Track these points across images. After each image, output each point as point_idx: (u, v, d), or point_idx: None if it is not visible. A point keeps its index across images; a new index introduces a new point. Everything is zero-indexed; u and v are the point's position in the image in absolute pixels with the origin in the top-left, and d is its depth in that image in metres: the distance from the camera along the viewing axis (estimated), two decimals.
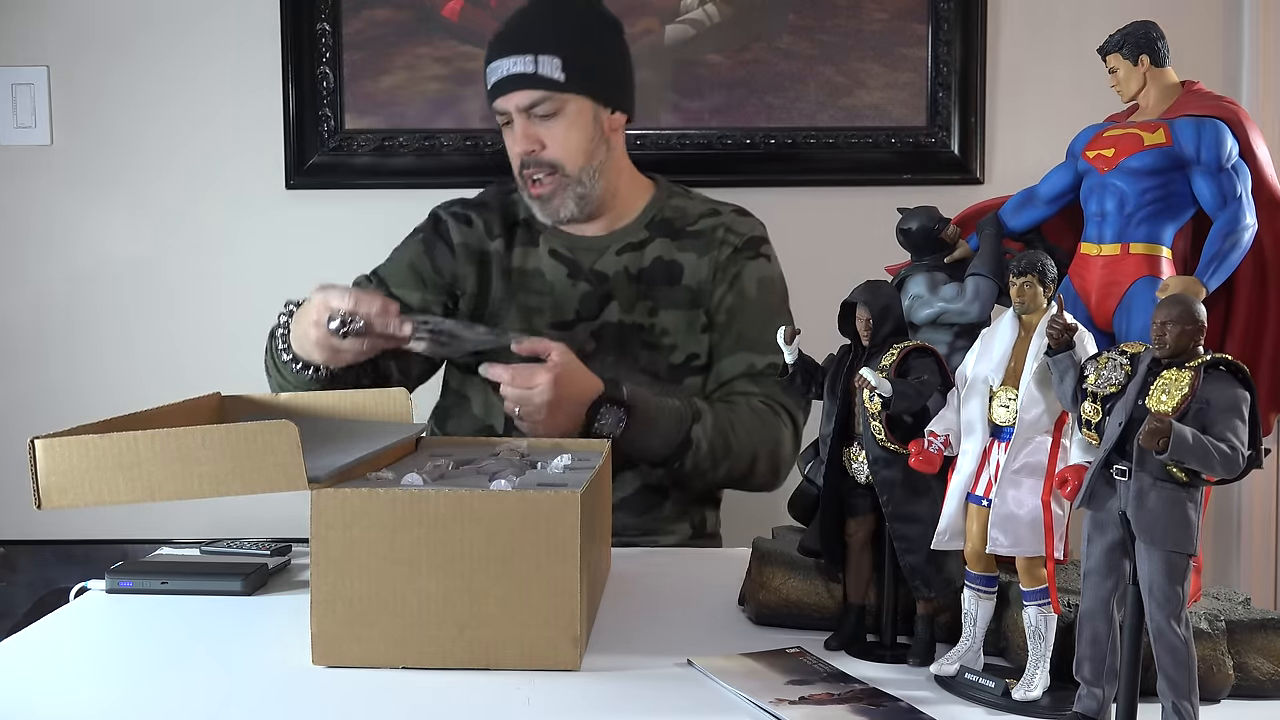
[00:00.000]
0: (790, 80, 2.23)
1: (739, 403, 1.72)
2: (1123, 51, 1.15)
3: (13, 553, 2.24)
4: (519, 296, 1.79)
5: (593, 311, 1.77)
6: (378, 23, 2.23)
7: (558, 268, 1.79)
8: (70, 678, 1.05)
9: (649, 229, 1.81)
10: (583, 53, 1.73)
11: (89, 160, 2.27)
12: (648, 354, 1.76)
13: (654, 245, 1.80)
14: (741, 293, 1.78)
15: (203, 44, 2.26)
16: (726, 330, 1.77)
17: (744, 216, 1.85)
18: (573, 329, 1.76)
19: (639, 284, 1.78)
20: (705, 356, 1.78)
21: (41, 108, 2.25)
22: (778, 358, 1.71)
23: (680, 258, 1.79)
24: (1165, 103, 1.14)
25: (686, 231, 1.81)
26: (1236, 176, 1.08)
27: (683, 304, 1.78)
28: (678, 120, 2.24)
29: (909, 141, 2.23)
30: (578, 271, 1.79)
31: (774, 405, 1.72)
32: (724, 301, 1.78)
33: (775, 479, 1.76)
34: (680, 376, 1.77)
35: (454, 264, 1.82)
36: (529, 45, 1.70)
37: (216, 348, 2.27)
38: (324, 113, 2.23)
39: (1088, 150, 1.14)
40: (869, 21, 2.22)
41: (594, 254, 1.80)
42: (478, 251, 1.82)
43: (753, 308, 1.77)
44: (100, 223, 2.28)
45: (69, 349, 2.29)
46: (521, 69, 1.70)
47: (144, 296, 2.28)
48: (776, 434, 1.71)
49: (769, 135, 2.23)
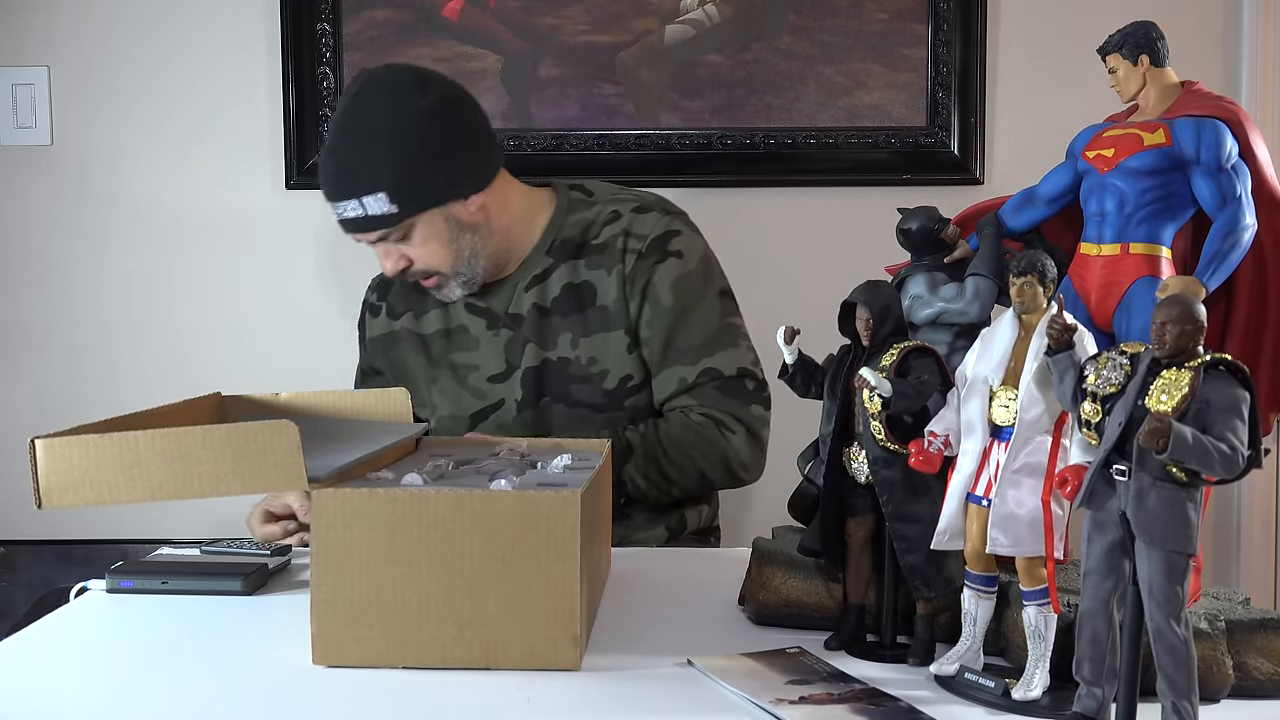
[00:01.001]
0: (790, 80, 2.23)
1: (673, 420, 1.67)
2: (1122, 51, 1.15)
3: (13, 553, 2.24)
4: (451, 356, 1.76)
5: (519, 357, 1.72)
6: (378, 23, 2.23)
7: (476, 320, 1.75)
8: (70, 678, 1.05)
9: (551, 254, 1.73)
10: (410, 172, 1.60)
11: (89, 160, 2.27)
12: (580, 387, 1.70)
13: (559, 271, 1.72)
14: (656, 303, 1.69)
15: (203, 44, 2.26)
16: (653, 345, 1.70)
17: (645, 214, 1.74)
18: (509, 379, 1.73)
19: (553, 316, 1.72)
20: (641, 375, 1.72)
21: (41, 108, 2.25)
22: (714, 363, 1.72)
23: (589, 277, 1.71)
24: (1165, 103, 1.14)
25: (591, 246, 1.72)
26: (1236, 176, 1.08)
27: (602, 327, 1.70)
28: (678, 120, 2.24)
29: (909, 141, 2.23)
30: (495, 320, 1.74)
31: (714, 416, 1.68)
32: (642, 315, 1.70)
33: (737, 482, 1.73)
34: (620, 401, 1.71)
35: (370, 356, 1.84)
36: (347, 190, 1.59)
37: (217, 348, 2.27)
38: (324, 113, 2.23)
39: (1087, 150, 1.14)
40: (869, 21, 2.22)
41: (505, 297, 1.74)
42: (386, 337, 1.81)
43: (672, 315, 1.70)
44: (100, 223, 2.28)
45: (69, 349, 2.29)
46: (352, 214, 1.60)
47: (144, 296, 2.29)
48: (720, 447, 1.67)
49: (769, 135, 2.23)
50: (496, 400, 1.74)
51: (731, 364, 1.71)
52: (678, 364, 1.70)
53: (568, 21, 2.22)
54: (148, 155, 2.27)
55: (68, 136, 2.27)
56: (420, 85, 1.62)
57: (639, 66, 2.23)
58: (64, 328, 2.29)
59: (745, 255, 2.23)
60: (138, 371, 2.27)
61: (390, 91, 1.61)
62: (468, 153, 1.65)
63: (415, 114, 1.59)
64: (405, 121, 1.59)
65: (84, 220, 2.28)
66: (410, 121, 1.59)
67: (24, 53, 2.25)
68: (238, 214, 2.27)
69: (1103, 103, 1.27)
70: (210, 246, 2.28)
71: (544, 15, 2.22)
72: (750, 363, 1.74)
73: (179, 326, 2.29)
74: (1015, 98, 2.25)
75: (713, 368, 1.70)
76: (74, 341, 2.29)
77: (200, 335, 2.28)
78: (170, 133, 2.27)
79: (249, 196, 2.27)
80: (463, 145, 1.64)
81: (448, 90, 1.65)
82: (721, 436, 1.67)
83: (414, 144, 1.60)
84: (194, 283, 2.29)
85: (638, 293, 1.70)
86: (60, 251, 2.29)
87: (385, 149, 1.59)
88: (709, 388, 1.69)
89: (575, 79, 2.23)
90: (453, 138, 1.63)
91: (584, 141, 2.23)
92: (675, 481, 1.66)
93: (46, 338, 2.29)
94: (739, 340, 1.75)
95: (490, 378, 1.74)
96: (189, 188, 2.27)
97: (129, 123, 2.27)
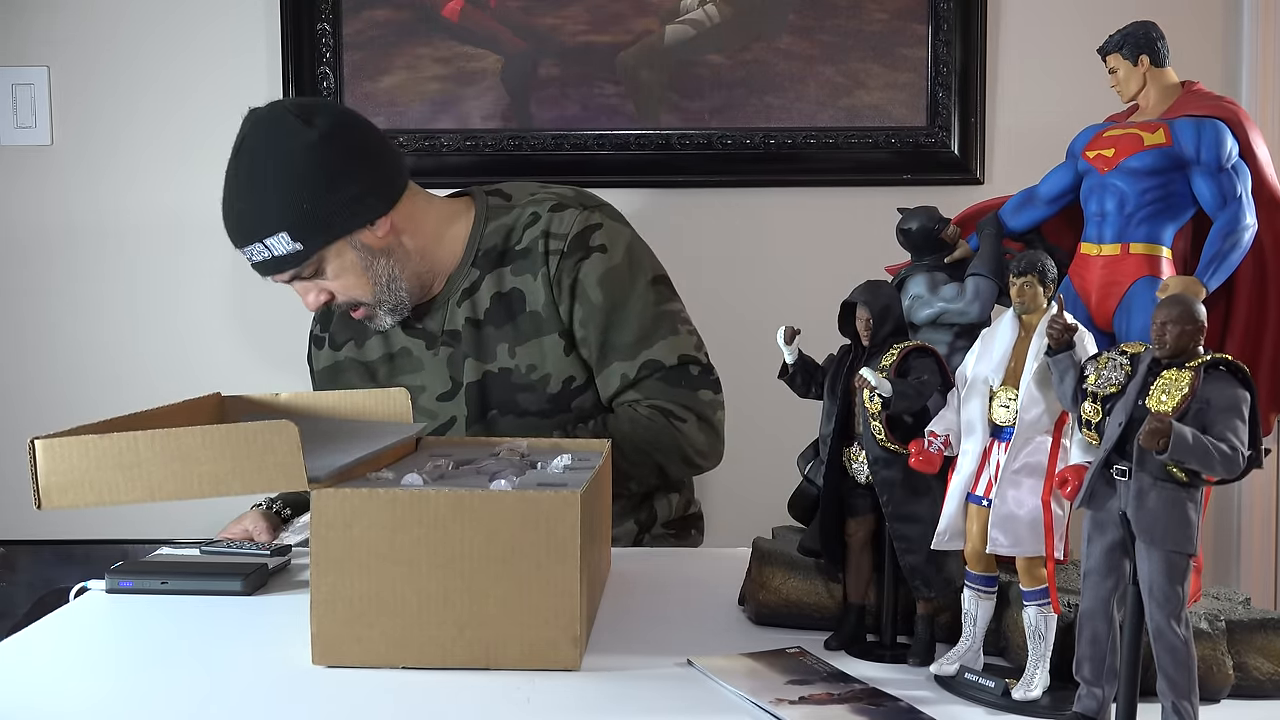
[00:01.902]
0: (790, 80, 2.23)
1: (621, 416, 1.67)
2: (1123, 52, 1.15)
3: (13, 553, 2.24)
4: (397, 379, 1.75)
5: (460, 373, 1.71)
6: (378, 23, 2.23)
7: (416, 342, 1.75)
8: (70, 678, 1.05)
9: (476, 265, 1.71)
10: (307, 207, 1.56)
11: (89, 160, 2.27)
12: (524, 395, 1.69)
13: (487, 282, 1.70)
14: (586, 300, 1.67)
15: (203, 45, 2.26)
16: (590, 344, 1.69)
17: (562, 211, 1.70)
18: (455, 397, 1.72)
19: (486, 328, 1.70)
20: (583, 376, 1.71)
21: (41, 108, 2.26)
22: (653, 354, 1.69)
23: (516, 284, 1.69)
24: (1165, 103, 1.14)
25: (514, 252, 1.70)
26: (1236, 176, 1.08)
27: (535, 332, 1.69)
28: (678, 120, 2.23)
29: (909, 141, 2.23)
30: (433, 339, 1.73)
31: (661, 408, 1.67)
32: (575, 315, 1.68)
33: (696, 470, 1.73)
34: (566, 404, 1.70)
35: (318, 387, 1.83)
36: (249, 234, 1.57)
37: (216, 348, 2.27)
38: None
39: (1088, 150, 1.14)
40: (869, 21, 2.22)
41: (440, 315, 1.73)
42: (331, 369, 1.81)
43: (604, 311, 1.68)
44: (100, 223, 2.28)
45: (69, 349, 2.29)
46: (259, 257, 1.58)
47: (144, 296, 2.29)
48: (672, 438, 1.66)
49: (769, 135, 2.23)
50: (448, 419, 1.73)
51: (672, 353, 1.69)
52: (616, 360, 1.68)
53: (568, 21, 2.22)
54: (147, 155, 2.27)
55: (68, 136, 2.27)
56: (305, 117, 1.58)
57: (639, 66, 2.23)
58: (64, 328, 2.29)
59: (745, 255, 2.24)
60: (138, 371, 2.27)
61: (274, 129, 1.58)
62: (365, 177, 1.60)
63: (303, 147, 1.56)
64: (294, 157, 1.55)
65: (84, 220, 2.28)
66: (299, 156, 1.55)
67: (24, 53, 2.25)
68: None
69: (1103, 103, 1.27)
70: (210, 246, 2.27)
71: (544, 15, 2.22)
72: (693, 348, 1.72)
73: (179, 326, 2.29)
74: (1015, 98, 2.25)
75: (653, 359, 1.68)
76: (74, 341, 2.29)
77: (200, 335, 2.28)
78: (170, 132, 2.27)
79: None
80: (360, 171, 1.60)
81: (337, 118, 1.62)
82: (672, 427, 1.66)
83: (307, 178, 1.56)
84: (194, 282, 2.29)
85: (566, 293, 1.68)
86: (60, 251, 2.28)
87: (279, 188, 1.55)
88: (652, 380, 1.67)
89: (575, 79, 2.23)
90: (346, 165, 1.58)
91: (584, 141, 2.23)
92: (632, 477, 1.66)
93: (46, 337, 2.29)
94: (678, 326, 1.72)
95: (439, 397, 1.73)
96: (189, 187, 2.27)
97: (129, 123, 2.27)
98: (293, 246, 1.57)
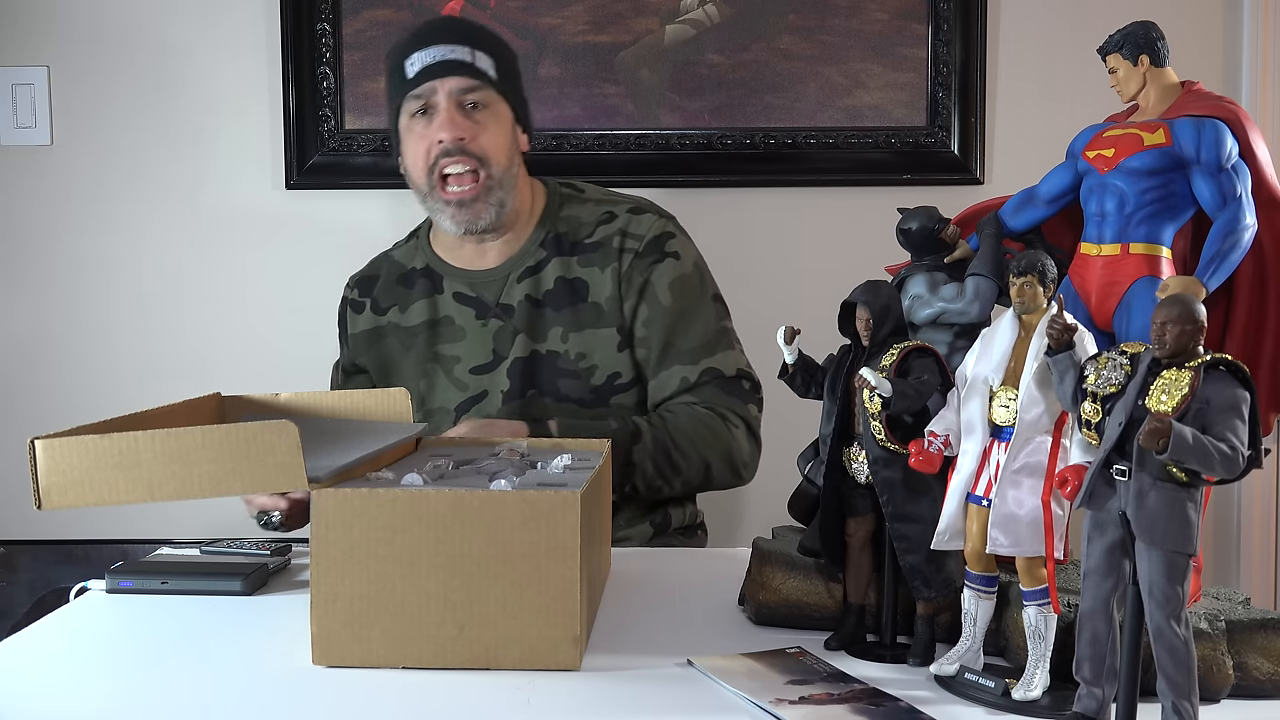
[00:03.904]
0: (790, 80, 2.23)
1: (679, 411, 1.68)
2: (1123, 51, 1.15)
3: (13, 553, 2.24)
4: (436, 347, 1.76)
5: (507, 348, 1.72)
6: (378, 23, 2.23)
7: (464, 310, 1.75)
8: (70, 678, 1.05)
9: (544, 247, 1.75)
10: (506, 62, 1.72)
11: (89, 160, 2.27)
12: (568, 381, 1.71)
13: (552, 265, 1.73)
14: (655, 302, 1.71)
15: (202, 44, 2.26)
16: (651, 345, 1.71)
17: (641, 214, 1.77)
18: (494, 370, 1.73)
19: (545, 309, 1.72)
20: (630, 374, 1.73)
21: (41, 108, 2.25)
22: (714, 363, 1.73)
23: (582, 274, 1.72)
24: (1165, 103, 1.14)
25: (584, 244, 1.74)
26: (1236, 176, 1.08)
27: (593, 323, 1.72)
28: (678, 120, 2.23)
29: (909, 141, 2.23)
30: (484, 310, 1.74)
31: (718, 412, 1.69)
32: (639, 314, 1.72)
33: (738, 479, 1.74)
34: (605, 398, 1.72)
35: (353, 353, 1.83)
36: (465, 38, 1.68)
37: (216, 348, 2.27)
38: (324, 113, 2.23)
39: (1088, 150, 1.14)
40: (869, 21, 2.22)
41: (496, 287, 1.74)
42: (371, 332, 1.81)
43: (671, 315, 1.71)
44: (100, 223, 2.28)
45: (69, 349, 2.29)
46: (459, 57, 1.66)
47: (145, 296, 2.28)
48: (726, 441, 1.68)
49: (769, 135, 2.23)
50: (479, 391, 1.74)
51: (731, 365, 1.73)
52: (678, 363, 1.71)
53: (568, 21, 2.22)
54: (147, 155, 2.27)
55: (68, 136, 2.27)
56: None
57: (639, 66, 2.23)
58: (64, 328, 2.29)
59: (745, 255, 2.24)
60: (138, 371, 2.27)
61: None
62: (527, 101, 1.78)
63: None
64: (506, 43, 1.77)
65: (83, 220, 2.28)
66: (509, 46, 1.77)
67: (24, 53, 2.25)
68: (237, 213, 2.27)
69: (1103, 103, 1.27)
70: (210, 246, 2.28)
71: (544, 15, 2.22)
72: (746, 365, 1.77)
73: (179, 326, 2.29)
74: (1015, 98, 2.25)
75: (714, 367, 1.72)
76: (74, 341, 2.29)
77: (200, 335, 2.28)
78: (169, 132, 2.27)
79: (249, 196, 2.27)
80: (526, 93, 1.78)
81: None
82: (727, 430, 1.69)
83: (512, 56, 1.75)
84: (194, 282, 2.28)
85: (634, 292, 1.72)
86: (60, 251, 2.28)
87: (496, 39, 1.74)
88: (710, 386, 1.71)
89: (575, 79, 2.23)
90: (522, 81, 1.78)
91: (584, 141, 2.23)
92: (681, 472, 1.66)
93: (46, 338, 2.29)
94: (734, 343, 1.78)
95: (474, 369, 1.74)
96: (188, 187, 2.27)
97: (129, 122, 2.27)
98: (492, 71, 1.68)
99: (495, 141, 1.67)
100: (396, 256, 1.85)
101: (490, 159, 1.66)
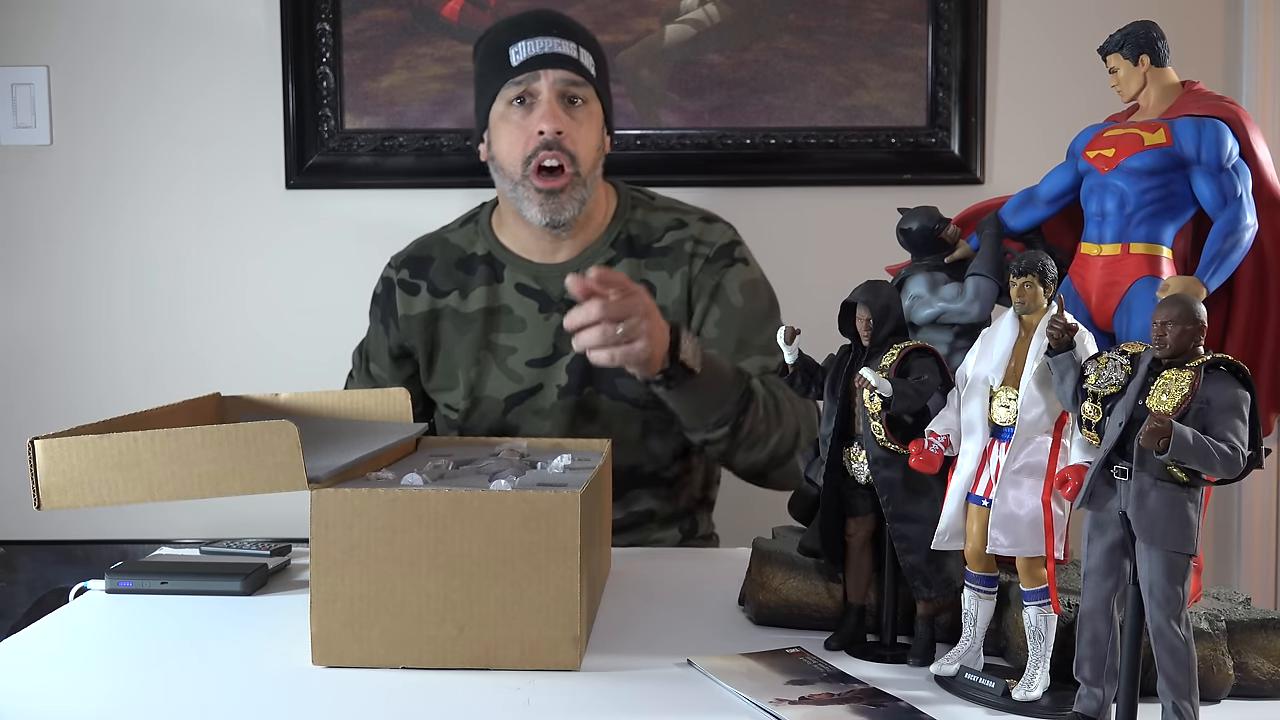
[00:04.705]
0: (790, 80, 2.23)
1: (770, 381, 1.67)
2: (1123, 51, 1.15)
3: (13, 553, 2.24)
4: (492, 336, 1.74)
5: (568, 343, 1.66)
6: (378, 23, 2.23)
7: (526, 302, 1.74)
8: (70, 678, 1.05)
9: (615, 248, 1.75)
10: (603, 63, 1.73)
11: (89, 160, 2.27)
12: (626, 381, 1.69)
13: (622, 266, 1.72)
14: (728, 304, 1.72)
15: (202, 44, 2.26)
16: (724, 344, 1.70)
17: (712, 224, 1.79)
18: (553, 364, 1.72)
19: None
20: None
21: (41, 108, 2.25)
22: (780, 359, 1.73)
23: (651, 277, 1.72)
24: (1165, 103, 1.14)
25: (654, 249, 1.75)
26: (1237, 176, 1.08)
27: None
28: (678, 120, 2.23)
29: (909, 141, 2.23)
30: (548, 303, 1.73)
31: None
32: (709, 315, 1.72)
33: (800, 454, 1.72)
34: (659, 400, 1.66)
35: (402, 335, 1.80)
36: (571, 33, 1.68)
37: (216, 348, 2.27)
38: (324, 113, 2.23)
39: (1088, 150, 1.14)
40: (869, 21, 2.22)
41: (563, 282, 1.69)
42: (427, 315, 1.78)
43: (744, 315, 1.72)
44: (100, 223, 2.28)
45: (69, 349, 2.29)
46: (566, 51, 1.66)
47: (144, 296, 2.28)
48: (810, 411, 1.67)
49: (769, 135, 2.23)
50: (534, 385, 1.73)
51: None
52: (757, 354, 1.70)
53: None
54: (147, 155, 2.27)
55: (68, 136, 2.27)
56: None
57: (639, 66, 2.23)
58: (63, 328, 2.29)
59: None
60: (138, 372, 2.27)
61: None
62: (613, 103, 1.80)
63: None
64: None
65: (83, 220, 2.28)
66: None
67: (24, 53, 2.25)
68: (237, 214, 2.27)
69: (1103, 103, 1.27)
70: (209, 246, 2.28)
71: None
72: None
73: (178, 327, 2.28)
74: (1015, 98, 2.25)
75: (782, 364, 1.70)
76: (73, 341, 2.29)
77: (199, 335, 2.28)
78: (169, 132, 2.27)
79: (249, 196, 2.27)
80: None
81: None
82: (808, 407, 1.67)
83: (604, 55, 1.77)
84: (193, 282, 2.28)
85: (705, 294, 1.73)
86: (60, 251, 2.28)
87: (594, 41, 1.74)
88: None
89: None
90: None
91: None
92: (783, 420, 1.62)
93: (46, 338, 2.29)
94: None
95: (530, 361, 1.73)
96: (188, 187, 2.27)
97: (128, 122, 2.27)
98: (593, 70, 1.70)
99: (589, 140, 1.68)
100: (453, 240, 1.82)
101: (581, 156, 1.68)
